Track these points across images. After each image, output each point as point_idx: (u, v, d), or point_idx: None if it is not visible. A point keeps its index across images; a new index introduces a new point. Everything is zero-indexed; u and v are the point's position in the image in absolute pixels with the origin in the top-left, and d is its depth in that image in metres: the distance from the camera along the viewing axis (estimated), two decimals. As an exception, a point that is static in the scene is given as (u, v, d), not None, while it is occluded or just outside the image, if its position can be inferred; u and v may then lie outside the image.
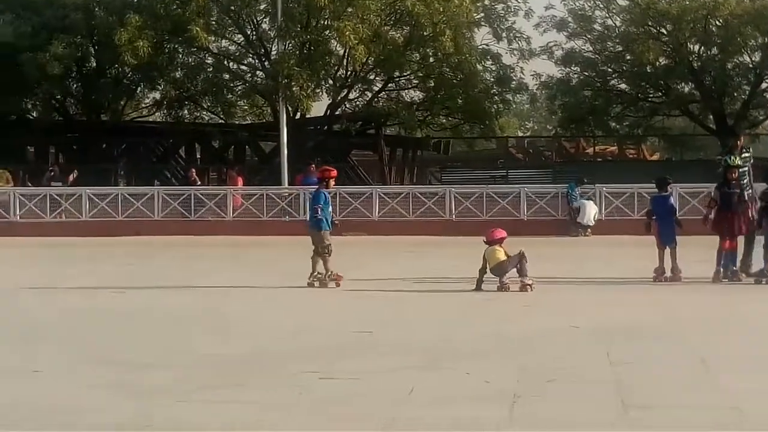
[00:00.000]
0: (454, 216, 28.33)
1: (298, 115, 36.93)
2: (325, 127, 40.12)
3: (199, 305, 13.68)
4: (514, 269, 14.61)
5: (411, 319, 12.20)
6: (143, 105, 45.44)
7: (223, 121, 42.54)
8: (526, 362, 8.99)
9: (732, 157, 15.88)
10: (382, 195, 29.28)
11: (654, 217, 16.34)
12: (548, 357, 9.32)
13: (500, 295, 14.29)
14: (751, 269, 15.44)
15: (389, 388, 8.05)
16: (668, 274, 15.57)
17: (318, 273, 15.40)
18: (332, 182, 16.49)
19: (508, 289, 14.46)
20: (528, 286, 14.44)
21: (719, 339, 10.32)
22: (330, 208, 16.23)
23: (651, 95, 41.84)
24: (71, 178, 31.99)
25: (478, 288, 14.57)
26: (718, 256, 15.34)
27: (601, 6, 39.96)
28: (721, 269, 15.28)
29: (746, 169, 16.16)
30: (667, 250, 15.69)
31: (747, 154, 16.61)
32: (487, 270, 14.67)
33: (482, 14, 39.08)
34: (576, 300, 13.79)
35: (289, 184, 31.64)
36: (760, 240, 15.33)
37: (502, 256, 14.67)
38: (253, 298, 14.42)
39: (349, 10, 33.89)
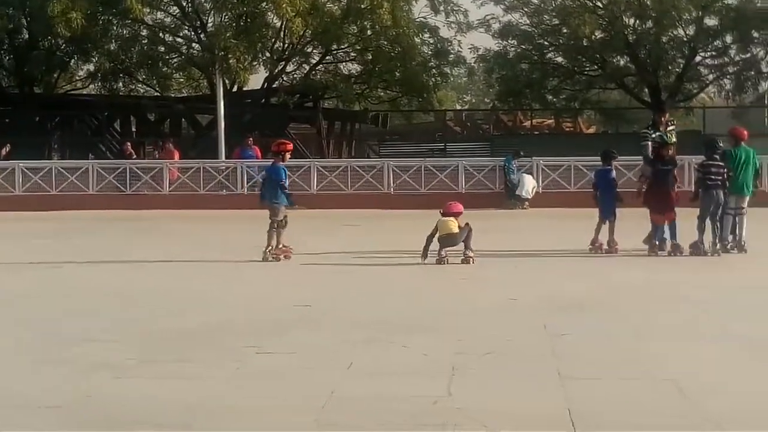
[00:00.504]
0: (392, 189, 28.35)
1: (235, 88, 36.73)
2: (263, 100, 39.89)
3: (141, 280, 13.57)
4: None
5: (350, 293, 12.21)
6: (77, 77, 44.90)
7: (158, 94, 42.17)
8: (464, 335, 9.04)
9: (668, 135, 15.99)
10: (321, 168, 29.21)
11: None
12: (486, 330, 9.37)
13: (439, 268, 14.34)
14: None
15: (328, 362, 8.05)
16: (605, 246, 15.72)
17: (270, 246, 15.40)
18: (288, 155, 16.32)
19: (447, 262, 14.52)
20: (470, 258, 14.53)
21: (653, 311, 10.44)
22: (287, 182, 16.13)
23: (587, 68, 42.12)
24: (4, 152, 31.52)
25: (425, 255, 14.62)
26: (653, 230, 15.49)
27: (539, -21, 40.12)
28: (656, 242, 15.42)
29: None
30: (607, 223, 15.87)
31: (672, 127, 16.83)
32: (435, 238, 14.72)
33: (420, -13, 39.03)
34: (514, 273, 13.88)
35: (226, 158, 31.49)
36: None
37: (454, 228, 14.76)
38: (195, 273, 14.31)
39: (287, -18, 33.65)
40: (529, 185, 27.52)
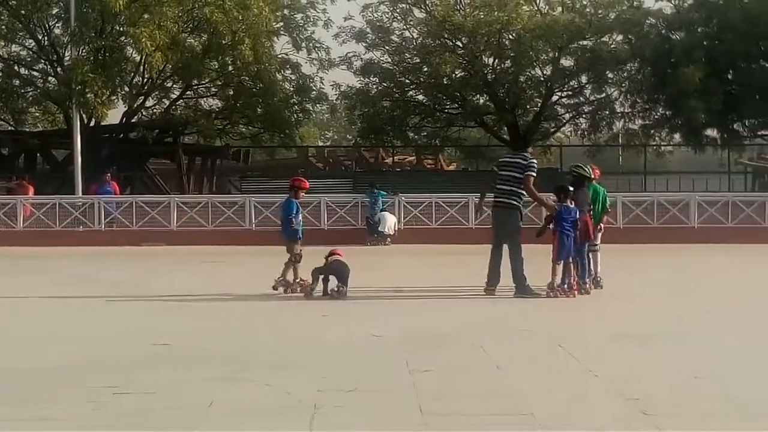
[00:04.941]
0: (254, 225, 28.18)
1: (92, 123, 36.13)
2: (121, 135, 39.35)
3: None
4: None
5: (211, 330, 12.03)
6: (-72, 111, 43.57)
7: (13, 128, 41.20)
8: (326, 372, 8.97)
9: (587, 168, 15.90)
10: (181, 204, 28.87)
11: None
12: (349, 366, 9.33)
13: (298, 304, 14.28)
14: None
15: (188, 401, 7.88)
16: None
17: (281, 279, 15.36)
18: (301, 193, 16.23)
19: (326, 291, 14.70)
20: (342, 290, 14.66)
21: (514, 347, 10.54)
22: (300, 217, 16.15)
23: (448, 106, 42.74)
24: None
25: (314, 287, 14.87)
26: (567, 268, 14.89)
27: (399, 18, 40.58)
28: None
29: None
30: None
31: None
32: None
33: (281, 24, 39.16)
34: (376, 309, 13.87)
35: (83, 193, 30.91)
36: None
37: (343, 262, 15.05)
38: (47, 310, 13.92)
39: (146, 16, 33.34)
40: (390, 221, 27.71)
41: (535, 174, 15.18)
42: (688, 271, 20.20)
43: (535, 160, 15.51)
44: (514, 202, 15.21)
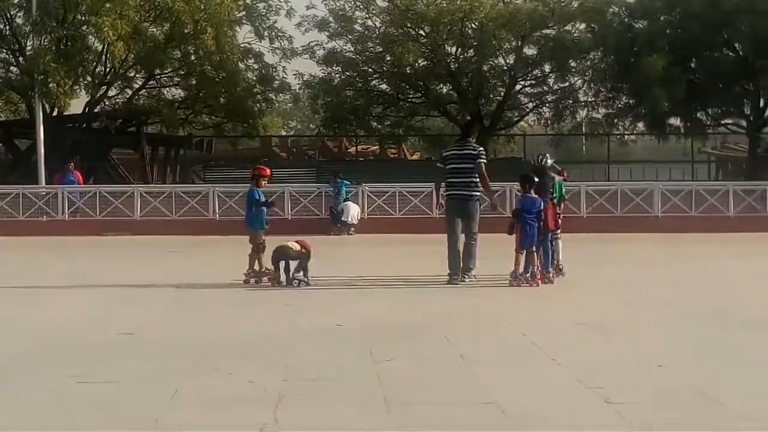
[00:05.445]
0: (218, 215, 28.11)
1: (55, 112, 35.90)
2: (84, 125, 39.08)
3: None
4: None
5: (175, 319, 11.99)
6: None
7: (-26, 119, 40.87)
8: (290, 362, 8.97)
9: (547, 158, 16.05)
10: (144, 194, 28.78)
11: None
12: (313, 356, 9.33)
13: (263, 293, 14.26)
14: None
15: (151, 390, 7.86)
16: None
17: (249, 271, 15.35)
18: (263, 181, 16.21)
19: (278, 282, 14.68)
20: (301, 282, 14.64)
21: (478, 337, 10.57)
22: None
23: (411, 96, 42.74)
24: None
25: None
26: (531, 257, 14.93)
27: (361, 7, 40.52)
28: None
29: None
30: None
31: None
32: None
33: (244, 12, 38.98)
34: (339, 299, 13.88)
35: (46, 183, 30.73)
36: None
37: (293, 246, 14.81)
38: (8, 301, 13.82)
39: (108, 5, 33.16)
40: (353, 211, 27.73)
41: (486, 161, 15.53)
42: (651, 260, 20.34)
43: (481, 147, 15.84)
44: (477, 193, 15.39)
